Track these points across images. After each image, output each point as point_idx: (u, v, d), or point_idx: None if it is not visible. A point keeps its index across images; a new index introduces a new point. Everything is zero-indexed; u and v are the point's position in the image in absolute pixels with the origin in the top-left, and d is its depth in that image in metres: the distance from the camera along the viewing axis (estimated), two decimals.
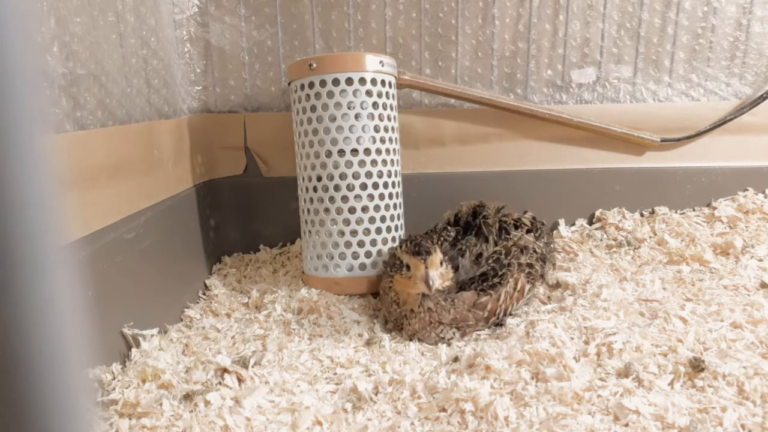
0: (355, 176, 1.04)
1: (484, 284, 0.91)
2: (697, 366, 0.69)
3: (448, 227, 1.03)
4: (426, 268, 0.84)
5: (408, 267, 0.87)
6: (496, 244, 0.99)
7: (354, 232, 1.05)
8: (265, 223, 1.36)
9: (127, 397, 0.70)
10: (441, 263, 0.87)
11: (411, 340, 0.90)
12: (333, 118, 1.03)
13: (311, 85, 1.04)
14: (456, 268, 0.92)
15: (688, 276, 1.05)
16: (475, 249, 0.97)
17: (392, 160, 1.08)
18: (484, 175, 1.34)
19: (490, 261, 0.94)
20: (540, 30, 1.31)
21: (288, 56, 1.33)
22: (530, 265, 0.98)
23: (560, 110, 1.31)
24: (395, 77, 1.11)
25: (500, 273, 0.92)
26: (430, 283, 0.83)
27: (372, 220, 1.06)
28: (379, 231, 1.06)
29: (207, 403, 0.69)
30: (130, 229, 0.88)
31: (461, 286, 0.91)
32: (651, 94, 1.34)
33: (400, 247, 0.90)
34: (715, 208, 1.31)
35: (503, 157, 1.35)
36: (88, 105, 0.81)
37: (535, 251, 1.00)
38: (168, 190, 1.07)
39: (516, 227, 1.04)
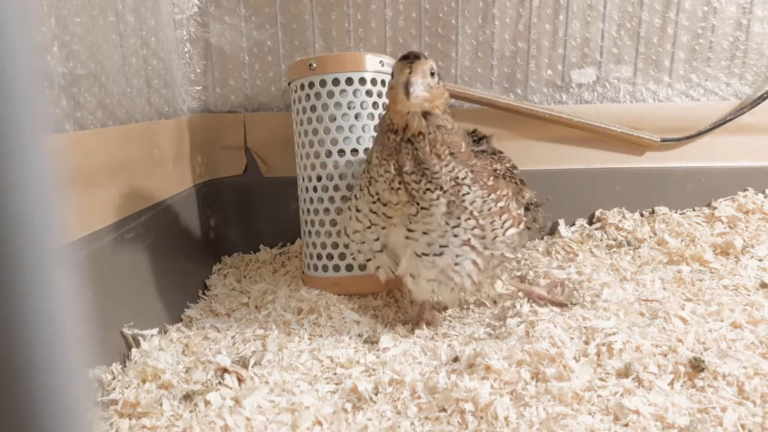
0: (355, 176, 1.04)
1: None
2: (697, 366, 0.69)
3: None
4: (410, 73, 0.73)
5: (393, 75, 0.77)
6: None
7: None
8: (265, 223, 1.36)
9: (127, 397, 0.70)
10: (432, 74, 0.76)
11: (415, 174, 0.79)
12: (333, 118, 1.03)
13: (311, 85, 1.04)
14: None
15: (688, 276, 1.05)
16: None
17: None
18: None
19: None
20: (540, 30, 1.31)
21: (288, 56, 1.33)
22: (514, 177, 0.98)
23: (560, 110, 1.31)
24: None
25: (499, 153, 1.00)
26: (411, 89, 0.72)
27: None
28: None
29: (207, 403, 0.69)
30: (130, 229, 0.88)
31: None
32: (651, 94, 1.34)
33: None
34: (715, 208, 1.31)
35: None
36: (88, 105, 0.81)
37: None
38: (168, 190, 1.07)
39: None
